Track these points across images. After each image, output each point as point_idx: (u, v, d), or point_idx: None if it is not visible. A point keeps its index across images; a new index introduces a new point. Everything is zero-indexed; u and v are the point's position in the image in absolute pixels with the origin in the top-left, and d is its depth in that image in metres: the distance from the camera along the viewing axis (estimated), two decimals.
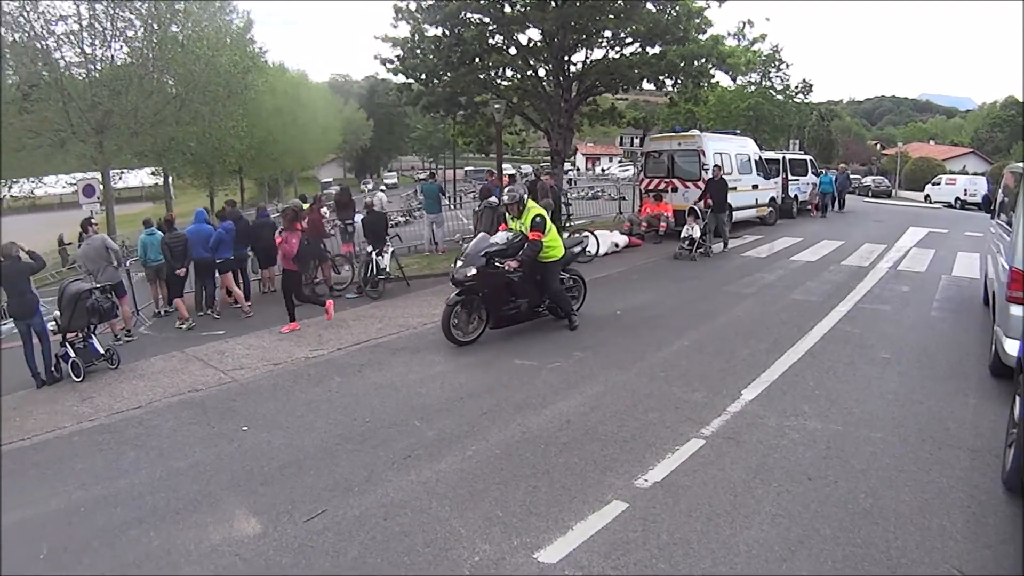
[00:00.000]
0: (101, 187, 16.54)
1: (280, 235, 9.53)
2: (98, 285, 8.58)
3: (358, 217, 13.04)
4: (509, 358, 7.10)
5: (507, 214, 8.23)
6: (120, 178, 29.57)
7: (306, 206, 12.27)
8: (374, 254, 11.26)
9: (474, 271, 7.49)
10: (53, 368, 7.93)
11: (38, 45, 20.21)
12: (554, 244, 7.96)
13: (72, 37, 20.55)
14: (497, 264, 7.61)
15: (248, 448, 5.29)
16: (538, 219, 7.70)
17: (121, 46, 21.70)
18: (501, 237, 8.03)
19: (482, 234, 8.43)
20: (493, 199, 11.76)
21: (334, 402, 6.20)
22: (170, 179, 36.25)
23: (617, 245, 14.28)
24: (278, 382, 6.98)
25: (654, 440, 4.85)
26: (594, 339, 7.68)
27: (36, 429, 6.26)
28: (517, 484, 4.32)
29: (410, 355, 7.50)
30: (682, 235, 13.25)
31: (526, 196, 8.02)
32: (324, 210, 13.17)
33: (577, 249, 8.88)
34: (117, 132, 21.47)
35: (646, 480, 4.25)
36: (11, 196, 28.01)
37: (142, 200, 44.26)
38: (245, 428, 5.73)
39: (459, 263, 7.76)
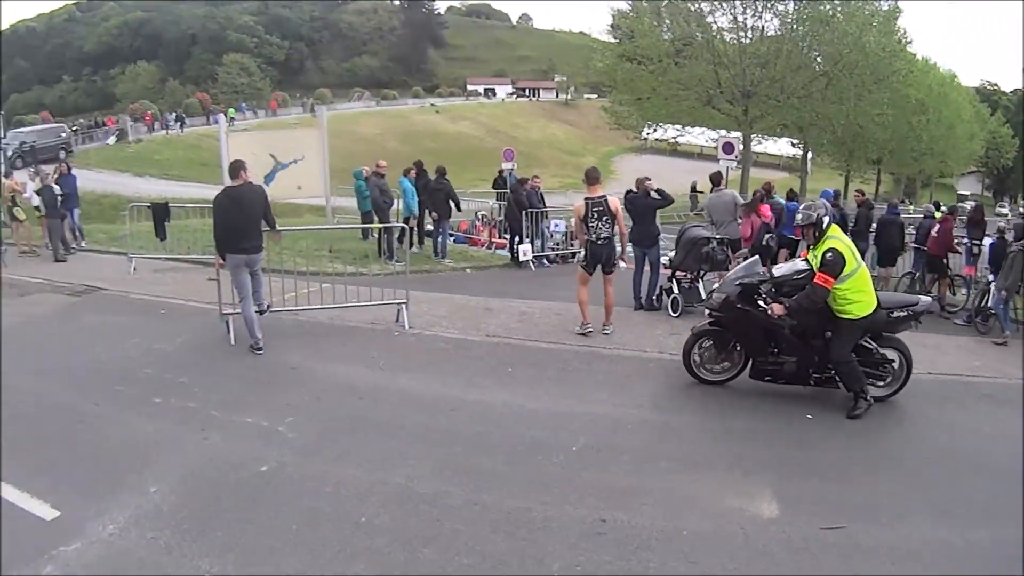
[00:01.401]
0: (740, 147, 17.94)
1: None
2: (717, 236, 8.87)
3: (987, 240, 11.20)
4: None
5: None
6: (761, 143, 31.66)
7: (938, 214, 11.61)
8: (992, 285, 9.34)
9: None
10: (654, 298, 8.77)
11: (691, 8, 22.47)
12: (856, 298, 5.38)
13: (725, 4, 22.08)
14: (760, 302, 5.61)
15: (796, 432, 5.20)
16: (829, 256, 5.27)
17: (772, 17, 22.34)
18: (786, 268, 5.98)
19: (755, 258, 6.54)
20: None
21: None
22: (808, 154, 36.63)
23: None
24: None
25: None
26: None
27: (620, 344, 7.06)
28: None
29: (996, 404, 6.04)
30: None
31: (827, 219, 5.55)
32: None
33: (901, 314, 5.80)
34: (762, 100, 22.43)
35: None
36: (655, 139, 33.46)
37: (778, 168, 46.18)
38: (810, 417, 5.54)
39: (716, 285, 6.41)
